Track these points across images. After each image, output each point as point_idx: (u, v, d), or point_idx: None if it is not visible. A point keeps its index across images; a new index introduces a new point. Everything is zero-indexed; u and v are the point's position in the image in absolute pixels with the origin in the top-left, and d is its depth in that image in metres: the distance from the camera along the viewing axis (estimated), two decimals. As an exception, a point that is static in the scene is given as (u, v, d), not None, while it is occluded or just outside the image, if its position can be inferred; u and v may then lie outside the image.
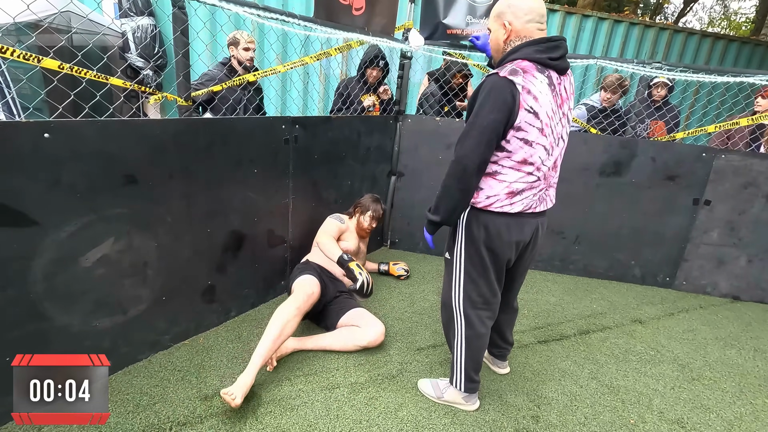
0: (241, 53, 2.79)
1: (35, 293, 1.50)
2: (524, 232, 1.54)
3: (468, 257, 1.57)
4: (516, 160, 1.41)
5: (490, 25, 1.49)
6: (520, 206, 1.47)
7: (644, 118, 3.32)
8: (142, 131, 1.68)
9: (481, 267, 1.56)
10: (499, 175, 1.44)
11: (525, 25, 1.40)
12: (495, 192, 1.45)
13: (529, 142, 1.39)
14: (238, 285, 2.27)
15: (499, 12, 1.44)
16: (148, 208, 1.76)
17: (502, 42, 1.45)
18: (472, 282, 1.59)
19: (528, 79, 1.33)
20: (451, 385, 1.77)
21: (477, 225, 1.51)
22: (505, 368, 2.05)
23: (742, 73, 2.74)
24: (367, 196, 2.56)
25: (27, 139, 1.38)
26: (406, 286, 2.84)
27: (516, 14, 1.40)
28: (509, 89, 1.31)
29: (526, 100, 1.33)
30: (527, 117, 1.35)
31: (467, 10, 2.85)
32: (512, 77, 1.32)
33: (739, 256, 3.01)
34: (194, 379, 1.82)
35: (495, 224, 1.49)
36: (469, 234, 1.54)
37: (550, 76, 1.39)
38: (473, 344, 1.67)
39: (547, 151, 1.44)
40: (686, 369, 2.21)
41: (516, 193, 1.45)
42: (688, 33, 5.74)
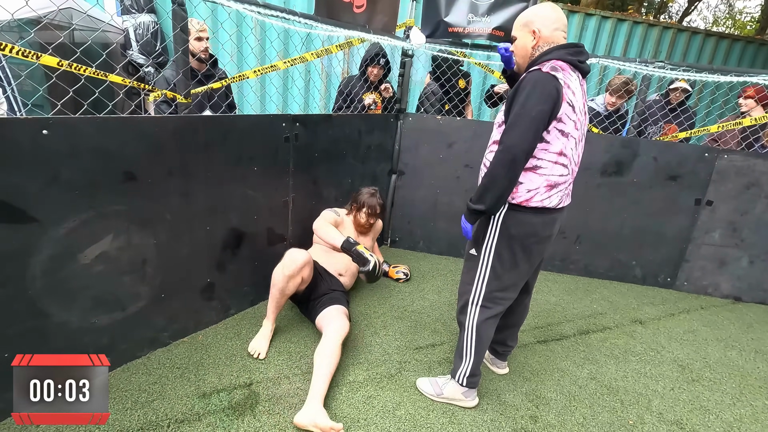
0: (194, 44, 2.45)
1: (34, 290, 1.50)
2: (554, 226, 1.61)
3: (497, 254, 1.59)
4: (554, 152, 1.46)
5: (517, 33, 1.57)
6: (557, 199, 1.53)
7: (658, 119, 3.28)
8: (142, 128, 1.68)
9: (509, 264, 1.60)
10: (539, 169, 1.48)
11: (552, 33, 1.50)
12: (536, 185, 1.49)
13: (566, 134, 1.45)
14: (238, 283, 2.27)
15: (526, 21, 1.53)
16: (148, 205, 1.76)
17: (530, 48, 1.53)
18: (497, 279, 1.62)
19: (566, 76, 1.42)
20: (453, 379, 1.79)
21: (515, 223, 1.54)
22: (504, 368, 2.05)
23: (745, 72, 2.72)
24: (363, 191, 2.49)
25: (26, 135, 1.38)
26: (405, 285, 2.83)
27: (544, 23, 1.50)
28: (553, 83, 1.38)
29: (566, 94, 1.41)
30: (567, 109, 1.42)
31: (469, 8, 2.83)
32: (554, 73, 1.40)
33: (740, 257, 3.00)
34: (193, 376, 1.82)
35: (532, 222, 1.54)
36: (504, 231, 1.56)
37: (578, 77, 1.50)
38: (484, 338, 1.70)
39: (575, 144, 1.51)
40: (686, 370, 2.20)
41: (553, 186, 1.51)
42: (692, 32, 5.71)
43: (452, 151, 3.12)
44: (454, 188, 3.17)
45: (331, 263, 2.30)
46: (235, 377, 1.84)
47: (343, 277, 2.35)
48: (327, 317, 2.04)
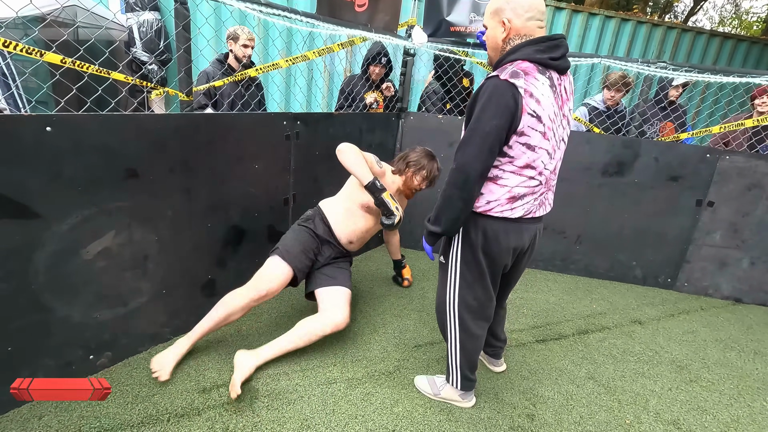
0: (239, 50, 2.78)
1: (37, 284, 1.52)
2: (523, 238, 1.51)
3: (464, 261, 1.54)
4: (518, 165, 1.37)
5: (487, 22, 1.42)
6: (521, 211, 1.44)
7: (648, 118, 3.29)
8: (144, 125, 1.70)
9: (477, 272, 1.54)
10: (500, 179, 1.40)
11: (525, 23, 1.34)
12: (496, 197, 1.42)
13: (531, 147, 1.35)
14: (238, 279, 2.27)
15: (497, 8, 1.37)
16: (149, 201, 1.78)
17: (500, 41, 1.39)
18: (468, 286, 1.57)
19: (530, 82, 1.28)
20: (448, 383, 1.79)
21: (475, 229, 1.48)
22: (501, 366, 2.05)
23: (748, 73, 2.71)
24: (419, 151, 2.20)
25: (29, 132, 1.40)
26: (405, 283, 2.84)
27: (516, 11, 1.33)
28: (511, 93, 1.26)
29: (528, 104, 1.28)
30: (530, 121, 1.31)
31: (471, 8, 2.84)
32: (514, 80, 1.26)
33: (741, 259, 2.99)
34: (193, 371, 1.84)
35: (493, 229, 1.46)
36: (466, 238, 1.51)
37: (551, 77, 1.34)
38: (468, 347, 1.67)
39: (549, 155, 1.41)
40: (684, 370, 2.20)
41: (517, 197, 1.42)
42: (697, 32, 5.68)
43: (453, 150, 3.10)
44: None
45: (345, 229, 2.10)
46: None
47: (352, 244, 2.18)
48: (329, 299, 1.95)
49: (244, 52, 2.79)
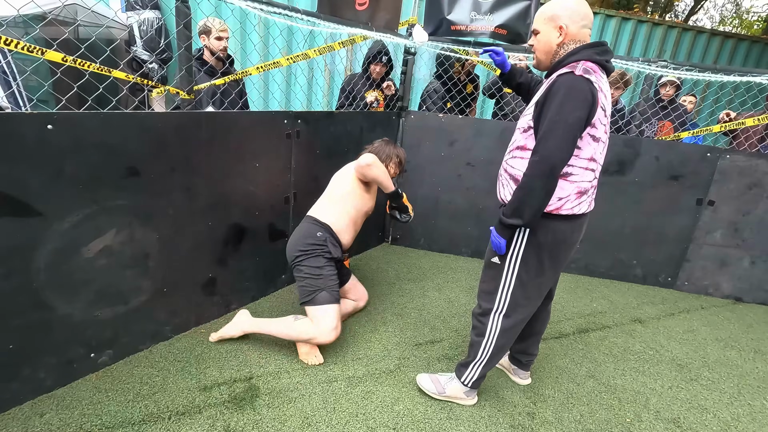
0: (213, 43, 2.64)
1: (38, 282, 1.52)
2: (582, 231, 1.57)
3: (524, 262, 1.53)
4: (585, 158, 1.41)
5: (540, 27, 1.47)
6: (586, 206, 1.49)
7: (649, 117, 3.30)
8: (145, 124, 1.70)
9: (535, 272, 1.54)
10: (570, 176, 1.42)
11: (580, 30, 1.41)
12: (566, 193, 1.44)
13: (596, 139, 1.40)
14: (239, 278, 2.29)
15: (553, 15, 1.43)
16: (150, 200, 1.78)
17: (555, 45, 1.44)
18: (522, 287, 1.57)
19: (599, 78, 1.36)
20: (458, 379, 1.77)
21: (544, 231, 1.48)
22: (527, 379, 1.99)
23: (749, 72, 2.71)
24: (379, 144, 2.23)
25: (30, 130, 1.40)
26: (406, 282, 2.84)
27: (572, 18, 1.40)
28: (588, 87, 1.32)
29: (600, 98, 1.35)
30: (600, 114, 1.37)
31: (472, 6, 2.83)
32: (588, 76, 1.32)
33: (742, 258, 2.99)
34: (194, 369, 1.84)
35: (562, 230, 1.49)
36: (532, 239, 1.50)
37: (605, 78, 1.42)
38: (504, 347, 1.68)
39: (604, 147, 1.47)
40: (685, 369, 2.21)
41: (583, 192, 1.46)
42: (698, 31, 5.68)
43: (454, 149, 3.12)
44: (456, 186, 3.18)
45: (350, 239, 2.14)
46: (236, 371, 1.86)
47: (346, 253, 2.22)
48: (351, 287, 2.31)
49: (218, 45, 2.66)
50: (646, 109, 3.29)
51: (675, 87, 3.28)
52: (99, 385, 1.70)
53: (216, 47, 2.66)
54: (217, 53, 2.68)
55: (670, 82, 3.23)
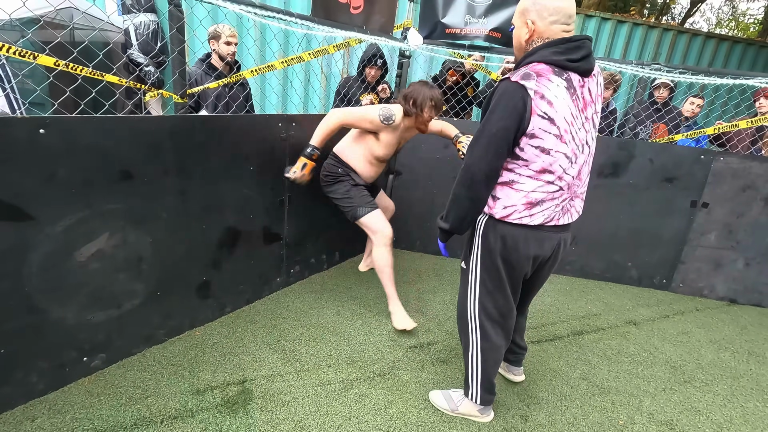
0: (222, 48, 2.72)
1: (31, 287, 1.52)
2: (544, 247, 1.46)
3: (484, 268, 1.52)
4: (534, 170, 1.35)
5: (514, 21, 1.40)
6: (541, 218, 1.40)
7: (643, 120, 3.32)
8: (138, 128, 1.70)
9: (498, 279, 1.51)
10: (515, 184, 1.38)
11: (549, 26, 1.31)
12: (512, 202, 1.39)
13: (546, 150, 1.32)
14: (234, 281, 2.29)
15: (523, 9, 1.35)
16: (144, 203, 1.78)
17: (523, 42, 1.37)
18: (489, 293, 1.54)
19: (542, 83, 1.26)
20: (467, 397, 1.72)
21: (494, 236, 1.45)
22: (521, 375, 1.98)
23: (742, 75, 2.73)
24: (417, 86, 2.16)
25: (23, 134, 1.41)
26: (401, 284, 2.84)
27: (540, 13, 1.31)
28: (520, 94, 1.26)
29: (539, 106, 1.27)
30: (541, 123, 1.28)
31: (466, 10, 2.85)
32: (524, 82, 1.26)
33: (736, 259, 3.00)
34: (187, 373, 1.84)
35: (513, 236, 1.43)
36: (485, 244, 1.48)
37: (569, 79, 1.30)
38: (489, 357, 1.62)
39: (569, 159, 1.36)
40: (678, 371, 2.21)
41: (535, 203, 1.38)
42: (693, 34, 5.70)
43: (449, 152, 3.13)
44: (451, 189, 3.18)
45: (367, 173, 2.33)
46: (229, 374, 1.86)
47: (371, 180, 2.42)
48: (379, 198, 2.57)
49: (227, 50, 2.74)
50: (640, 112, 3.30)
51: (669, 90, 3.30)
52: (91, 389, 1.70)
53: (225, 52, 2.74)
54: (226, 58, 2.74)
55: (664, 85, 3.25)
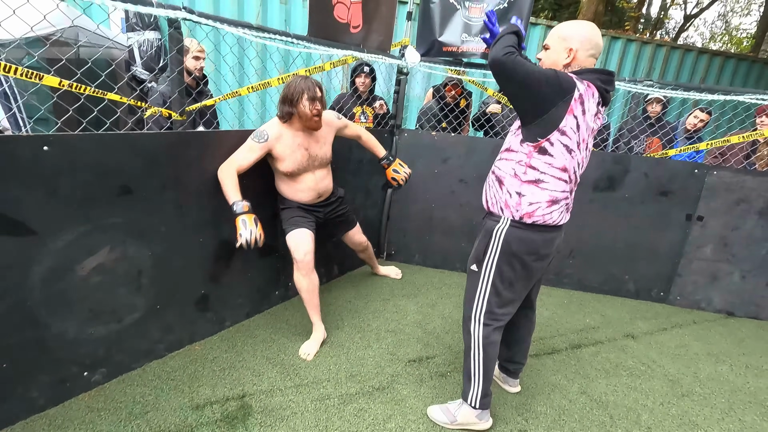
0: (190, 62, 2.71)
1: (33, 301, 1.54)
2: (554, 244, 1.62)
3: (498, 270, 1.60)
4: (557, 167, 1.47)
5: (552, 43, 1.52)
6: (557, 215, 1.54)
7: (637, 134, 3.37)
8: (138, 144, 1.73)
9: (509, 280, 1.61)
10: (542, 183, 1.49)
11: (587, 58, 1.48)
12: (537, 199, 1.50)
13: (570, 150, 1.46)
14: (232, 294, 2.30)
15: (567, 35, 1.49)
16: (143, 218, 1.81)
17: (561, 65, 1.51)
18: (497, 294, 1.63)
19: (587, 93, 1.42)
20: (465, 402, 1.75)
21: (517, 242, 1.55)
22: (517, 387, 2.04)
23: (732, 91, 2.79)
24: (290, 82, 2.02)
25: (27, 151, 1.44)
26: (400, 298, 2.86)
27: (583, 45, 1.47)
28: (574, 82, 1.39)
29: (576, 108, 1.41)
30: (572, 123, 1.42)
31: (462, 28, 2.92)
32: (578, 81, 1.41)
33: (732, 272, 3.02)
34: (187, 388, 1.85)
35: (533, 240, 1.55)
36: (506, 248, 1.57)
37: (599, 103, 1.48)
38: (490, 354, 1.69)
39: (578, 164, 1.52)
40: (676, 385, 2.22)
41: (555, 201, 1.51)
42: (686, 49, 5.81)
43: (447, 166, 3.17)
44: (449, 202, 3.22)
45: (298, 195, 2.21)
46: (229, 389, 1.87)
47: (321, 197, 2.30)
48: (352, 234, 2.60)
49: (195, 65, 2.74)
50: (634, 127, 3.36)
51: (662, 105, 3.35)
52: (92, 405, 1.70)
53: (192, 67, 2.72)
54: (193, 73, 2.73)
55: (657, 100, 3.31)
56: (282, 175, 2.18)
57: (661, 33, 15.15)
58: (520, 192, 1.52)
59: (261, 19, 4.53)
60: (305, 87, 1.97)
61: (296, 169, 2.13)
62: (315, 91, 1.99)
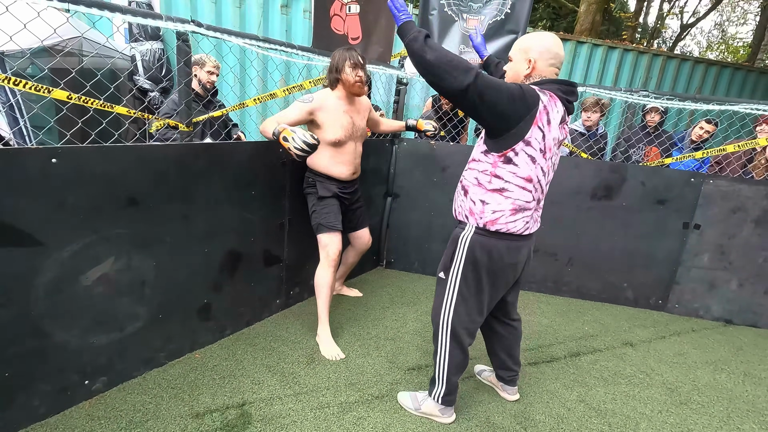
0: (204, 75, 2.94)
1: (37, 311, 1.56)
2: (521, 253, 1.63)
3: (464, 278, 1.63)
4: (522, 177, 1.50)
5: (513, 55, 1.59)
6: (522, 224, 1.56)
7: (634, 144, 3.41)
8: (144, 156, 1.77)
9: (475, 288, 1.64)
10: (506, 192, 1.53)
11: (547, 67, 1.53)
12: (501, 207, 1.54)
13: (534, 160, 1.49)
14: (234, 303, 2.32)
15: (527, 47, 1.54)
16: (148, 228, 1.83)
17: (522, 75, 1.56)
18: (464, 302, 1.66)
19: (551, 104, 1.46)
20: (430, 396, 1.84)
21: (480, 250, 1.58)
22: (515, 395, 2.05)
23: (727, 101, 2.83)
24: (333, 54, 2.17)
25: (36, 163, 1.47)
26: (399, 306, 2.87)
27: (543, 55, 1.51)
28: (537, 98, 1.43)
29: (541, 119, 1.44)
30: (537, 134, 1.45)
31: (460, 40, 2.97)
32: (541, 93, 1.44)
33: (730, 280, 3.04)
34: (187, 396, 1.86)
35: (497, 248, 1.58)
36: (470, 257, 1.60)
37: (564, 113, 1.53)
38: (456, 361, 1.74)
39: (544, 173, 1.55)
40: (675, 393, 2.23)
41: (519, 210, 1.54)
42: (682, 59, 5.88)
43: (446, 175, 3.20)
44: (448, 211, 3.22)
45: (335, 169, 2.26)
46: (229, 397, 1.88)
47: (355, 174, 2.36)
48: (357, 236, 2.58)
49: (208, 78, 2.96)
50: (630, 137, 3.40)
51: (659, 114, 3.40)
52: (92, 413, 1.71)
53: (205, 79, 2.95)
54: (204, 84, 2.95)
55: (655, 109, 3.36)
56: (326, 146, 2.20)
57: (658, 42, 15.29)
58: (484, 200, 1.55)
59: (262, 28, 4.59)
60: (348, 55, 2.12)
61: (343, 136, 2.19)
62: (358, 58, 2.13)
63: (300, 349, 2.27)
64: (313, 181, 2.31)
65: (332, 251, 2.25)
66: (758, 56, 10.30)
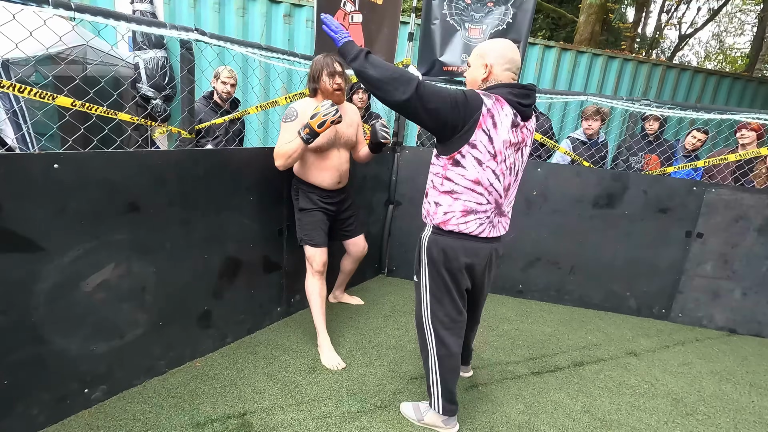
0: (219, 86, 3.10)
1: (37, 317, 1.54)
2: (479, 255, 1.64)
3: (431, 278, 1.67)
4: (470, 179, 1.52)
5: (471, 61, 1.64)
6: (474, 225, 1.58)
7: (636, 152, 3.41)
8: (146, 162, 1.77)
9: (444, 287, 1.66)
10: (455, 194, 1.56)
11: (502, 72, 1.57)
12: (452, 209, 1.57)
13: (481, 163, 1.51)
14: (234, 310, 2.30)
15: (483, 52, 1.59)
16: (149, 234, 1.83)
17: (479, 80, 1.60)
18: (438, 302, 1.69)
19: (496, 107, 1.47)
20: (431, 408, 1.81)
21: (436, 248, 1.63)
22: (468, 372, 2.21)
23: (728, 110, 2.84)
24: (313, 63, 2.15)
25: (38, 169, 1.47)
26: (401, 314, 2.85)
27: (497, 60, 1.56)
28: (480, 102, 1.45)
29: (485, 122, 1.46)
30: (482, 137, 1.47)
31: (462, 49, 2.99)
32: (485, 97, 1.47)
33: (733, 289, 3.03)
34: (187, 405, 1.83)
35: (452, 247, 1.61)
36: (430, 257, 1.65)
37: (515, 115, 1.51)
38: (446, 364, 1.73)
39: (496, 176, 1.55)
40: (680, 403, 2.20)
41: (470, 212, 1.56)
42: (681, 69, 5.92)
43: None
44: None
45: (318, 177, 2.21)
46: (230, 407, 1.85)
47: (340, 183, 2.30)
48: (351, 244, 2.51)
49: (222, 88, 3.09)
50: (632, 145, 3.40)
51: (659, 122, 3.41)
52: (91, 422, 1.69)
53: (220, 90, 3.09)
54: (220, 94, 3.09)
55: (654, 117, 3.37)
56: (308, 153, 2.16)
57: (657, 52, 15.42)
58: (438, 202, 1.60)
59: (265, 37, 4.62)
60: (324, 63, 2.09)
61: (324, 143, 2.13)
62: (334, 66, 2.09)
63: (301, 358, 2.25)
64: (297, 189, 2.30)
65: (316, 263, 2.25)
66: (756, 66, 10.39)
